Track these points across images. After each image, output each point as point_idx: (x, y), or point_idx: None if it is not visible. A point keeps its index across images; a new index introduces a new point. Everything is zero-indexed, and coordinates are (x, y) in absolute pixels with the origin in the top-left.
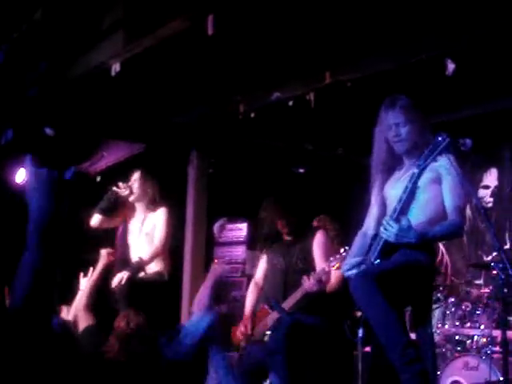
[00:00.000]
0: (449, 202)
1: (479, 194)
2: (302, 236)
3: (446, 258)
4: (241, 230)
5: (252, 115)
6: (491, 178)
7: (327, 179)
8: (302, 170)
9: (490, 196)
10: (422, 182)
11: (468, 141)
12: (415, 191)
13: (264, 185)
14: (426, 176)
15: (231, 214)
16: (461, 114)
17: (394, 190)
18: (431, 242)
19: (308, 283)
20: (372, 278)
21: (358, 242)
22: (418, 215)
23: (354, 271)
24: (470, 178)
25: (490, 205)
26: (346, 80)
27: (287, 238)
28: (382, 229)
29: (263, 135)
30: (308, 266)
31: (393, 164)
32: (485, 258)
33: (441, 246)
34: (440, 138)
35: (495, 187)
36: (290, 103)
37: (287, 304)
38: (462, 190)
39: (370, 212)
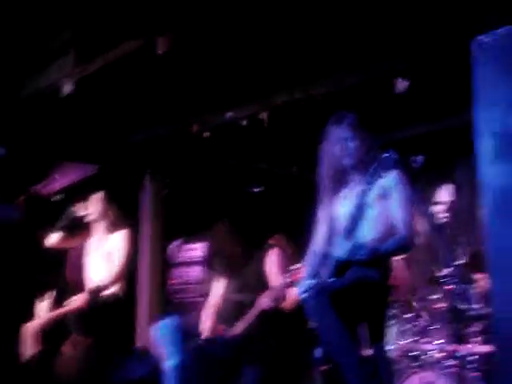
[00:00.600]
0: (397, 217)
1: (434, 209)
2: (256, 256)
3: (402, 273)
4: (197, 250)
5: (206, 135)
6: (447, 194)
7: (282, 198)
8: (256, 190)
9: (446, 211)
10: (370, 199)
11: (419, 158)
12: (364, 208)
13: (219, 205)
14: (374, 192)
15: (188, 235)
16: (414, 131)
17: (342, 207)
18: (383, 258)
19: (264, 301)
20: (325, 297)
21: (310, 261)
22: (367, 232)
23: (309, 293)
24: (421, 194)
25: (445, 220)
26: (299, 99)
27: (242, 258)
28: (333, 247)
29: (217, 154)
30: (263, 286)
31: (340, 180)
32: (440, 273)
33: (396, 261)
34: (386, 155)
35: (451, 202)
36: (244, 122)
37: (241, 325)
38: (409, 205)
39: (318, 230)
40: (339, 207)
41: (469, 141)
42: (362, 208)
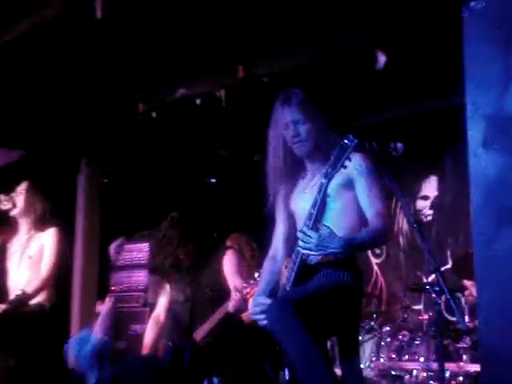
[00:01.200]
0: (367, 207)
1: (417, 206)
2: (210, 259)
3: (381, 279)
4: (142, 251)
5: (153, 115)
6: (431, 188)
7: (242, 190)
8: (213, 180)
9: (430, 207)
10: (331, 190)
11: (399, 145)
12: (326, 202)
13: (168, 198)
14: (336, 182)
15: (130, 233)
16: (393, 113)
17: (301, 202)
18: (359, 250)
19: (232, 302)
20: (289, 307)
21: (267, 271)
22: (331, 227)
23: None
24: (402, 188)
25: (429, 218)
26: (261, 75)
27: (193, 261)
28: (299, 242)
29: (167, 139)
30: (219, 294)
31: (294, 171)
32: (424, 280)
33: (374, 265)
34: (346, 141)
35: (435, 198)
36: (198, 101)
37: (201, 332)
38: (379, 191)
39: (276, 232)
40: (298, 202)
41: (457, 126)
42: (323, 202)
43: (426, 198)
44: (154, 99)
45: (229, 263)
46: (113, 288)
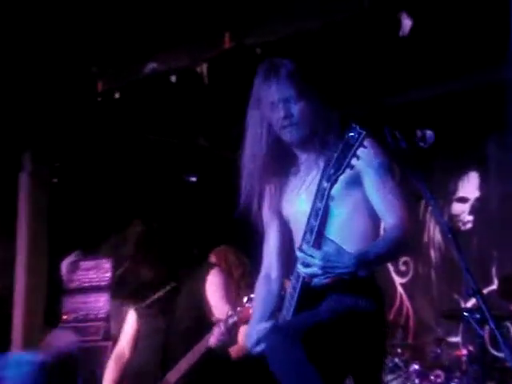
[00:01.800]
0: (380, 206)
1: (453, 211)
2: (189, 279)
3: (407, 304)
4: (103, 269)
5: (116, 96)
6: (470, 187)
7: (230, 192)
8: (193, 179)
9: (470, 212)
10: (335, 191)
11: (429, 132)
12: (328, 207)
13: (136, 201)
14: (340, 180)
15: (88, 246)
16: (418, 94)
17: (295, 205)
18: (375, 266)
19: (214, 336)
20: (295, 339)
21: (261, 295)
22: (338, 238)
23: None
24: (433, 187)
25: (468, 225)
26: (253, 45)
27: (166, 282)
28: (298, 264)
29: (133, 126)
30: (199, 323)
31: (282, 165)
32: (462, 305)
33: (398, 286)
34: (352, 133)
35: (476, 200)
36: (173, 79)
37: (176, 373)
38: (394, 185)
39: (266, 244)
40: (290, 206)
41: (503, 106)
42: (326, 205)
43: (464, 200)
44: (116, 76)
45: (213, 285)
46: (65, 317)
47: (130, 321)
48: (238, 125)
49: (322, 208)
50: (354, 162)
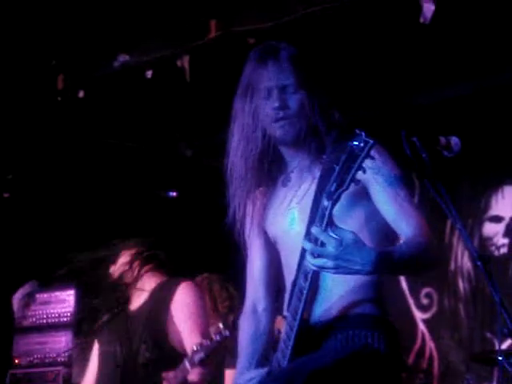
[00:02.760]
0: (394, 215)
1: (484, 232)
2: (154, 298)
3: (430, 344)
4: (64, 302)
5: (80, 94)
6: (505, 204)
7: (215, 208)
8: (173, 194)
9: (505, 234)
10: (337, 207)
11: (455, 139)
12: (330, 220)
13: (106, 220)
14: (343, 192)
15: (45, 276)
16: (441, 93)
17: (286, 222)
18: (396, 272)
19: (175, 376)
20: (296, 380)
21: (247, 332)
22: None
23: None
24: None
25: (503, 250)
26: (244, 33)
27: (133, 303)
28: (307, 257)
29: (101, 131)
30: (162, 354)
31: (269, 170)
32: (497, 346)
33: (420, 322)
34: (357, 142)
35: None
36: (149, 74)
37: None
38: (409, 196)
39: (250, 270)
40: (279, 225)
41: None
42: (323, 214)
43: (498, 219)
44: (80, 71)
45: (183, 306)
46: (17, 361)
47: (93, 357)
48: (226, 129)
49: (320, 213)
50: (359, 176)
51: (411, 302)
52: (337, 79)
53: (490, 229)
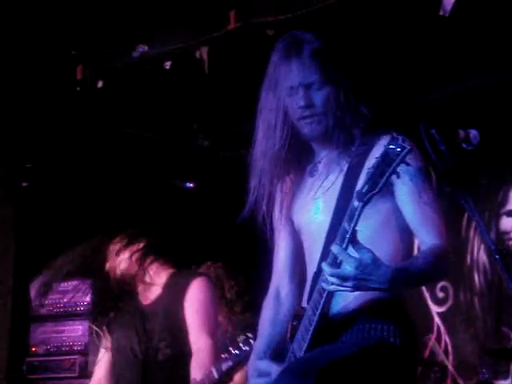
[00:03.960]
0: (415, 219)
1: (501, 226)
2: (169, 292)
3: (445, 338)
4: (81, 292)
5: (99, 85)
6: None
7: (228, 201)
8: (190, 185)
9: None
10: (363, 196)
11: (474, 132)
12: (356, 213)
13: (124, 210)
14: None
15: None
16: (463, 85)
17: (311, 211)
18: (413, 286)
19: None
20: (311, 379)
21: (269, 318)
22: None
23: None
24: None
25: None
26: (264, 25)
27: (144, 297)
28: (324, 270)
29: (119, 121)
30: (183, 350)
31: (298, 160)
32: None
33: (435, 316)
34: (393, 147)
35: None
36: (167, 65)
37: None
38: (434, 198)
39: (276, 257)
40: (304, 214)
41: None
42: (353, 214)
43: None
44: (100, 61)
45: (195, 303)
46: (34, 349)
47: (102, 349)
48: (244, 121)
49: (350, 232)
50: (393, 179)
51: (427, 295)
52: (356, 72)
53: (507, 223)
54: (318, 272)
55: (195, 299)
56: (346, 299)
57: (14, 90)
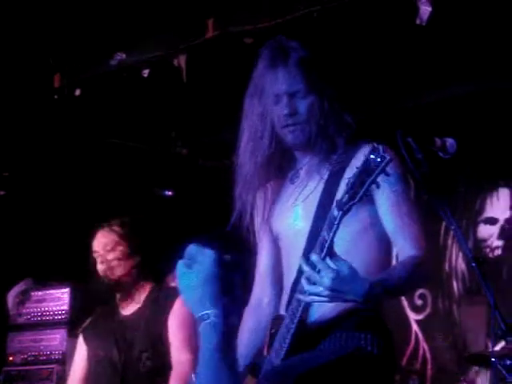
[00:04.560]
0: (394, 229)
1: (479, 234)
2: (152, 306)
3: (424, 346)
4: (59, 300)
5: (77, 93)
6: (500, 206)
7: (210, 209)
8: (168, 193)
9: (499, 236)
10: (342, 205)
11: (450, 141)
12: (334, 221)
13: (101, 219)
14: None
15: (41, 272)
16: (442, 93)
17: (290, 217)
18: (391, 297)
19: None
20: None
21: (248, 325)
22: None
23: None
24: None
25: (498, 251)
26: (241, 33)
27: (123, 307)
28: (303, 281)
29: (97, 129)
30: (164, 363)
31: (279, 167)
32: (490, 348)
33: (413, 323)
34: (373, 157)
35: (507, 221)
36: (145, 73)
37: None
38: (412, 207)
39: (258, 265)
40: (283, 220)
41: None
42: (332, 223)
43: (492, 221)
44: (77, 69)
45: (177, 318)
46: (11, 358)
47: (79, 354)
48: (223, 129)
49: (329, 241)
50: (372, 190)
51: (405, 303)
52: (338, 81)
53: (484, 231)
54: (297, 281)
55: (179, 315)
56: (325, 308)
57: None
